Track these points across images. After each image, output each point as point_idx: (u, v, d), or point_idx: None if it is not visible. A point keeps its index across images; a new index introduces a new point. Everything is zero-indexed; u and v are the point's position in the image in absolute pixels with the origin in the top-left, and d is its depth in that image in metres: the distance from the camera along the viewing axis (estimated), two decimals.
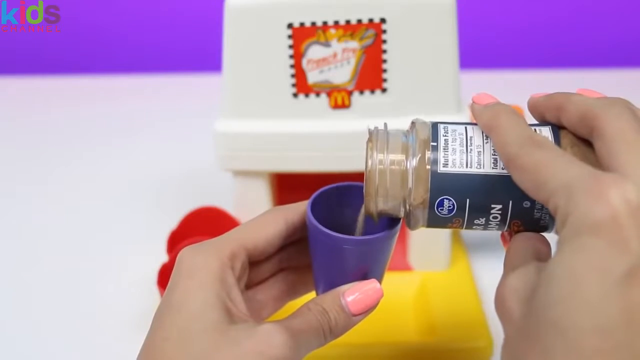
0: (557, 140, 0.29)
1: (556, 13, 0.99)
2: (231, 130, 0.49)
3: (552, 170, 0.26)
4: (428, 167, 0.30)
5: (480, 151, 0.30)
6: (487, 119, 0.29)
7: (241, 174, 0.51)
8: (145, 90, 0.97)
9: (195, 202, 0.56)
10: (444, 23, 0.46)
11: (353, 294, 0.33)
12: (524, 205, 0.30)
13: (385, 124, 0.32)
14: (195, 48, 1.01)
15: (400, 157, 0.31)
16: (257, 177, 0.51)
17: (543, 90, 0.32)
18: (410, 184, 0.30)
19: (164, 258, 0.52)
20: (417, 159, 0.30)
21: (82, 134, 0.86)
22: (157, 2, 1.01)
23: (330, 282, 0.34)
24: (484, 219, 0.30)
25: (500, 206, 0.30)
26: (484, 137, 0.30)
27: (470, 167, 0.29)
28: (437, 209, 0.30)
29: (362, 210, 0.33)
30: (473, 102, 0.31)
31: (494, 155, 0.29)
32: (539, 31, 1.00)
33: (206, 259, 0.31)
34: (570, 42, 1.01)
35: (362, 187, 0.32)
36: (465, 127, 0.31)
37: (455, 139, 0.30)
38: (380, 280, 0.35)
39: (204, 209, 0.54)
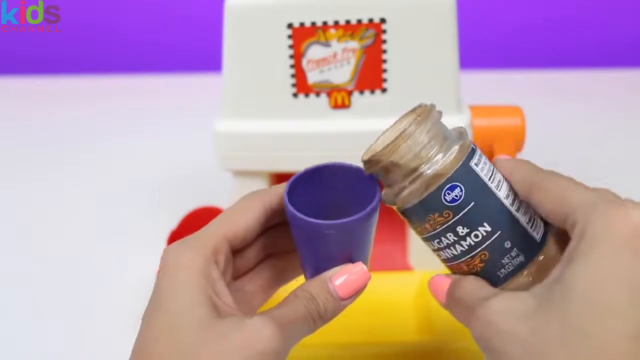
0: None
1: (556, 13, 0.99)
2: (231, 130, 0.49)
3: (575, 192, 0.29)
4: (465, 153, 0.31)
5: (500, 180, 0.32)
6: (511, 163, 0.33)
7: (241, 174, 0.51)
8: (146, 90, 0.97)
9: (195, 202, 0.56)
10: (444, 23, 0.46)
11: (340, 277, 0.33)
12: (505, 245, 0.31)
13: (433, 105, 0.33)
14: (195, 48, 1.01)
15: (443, 135, 0.32)
16: (257, 177, 0.51)
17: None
18: (442, 156, 0.31)
19: None
20: (459, 144, 0.31)
21: (82, 134, 0.86)
22: (157, 2, 1.01)
23: (316, 266, 0.34)
24: (466, 233, 0.31)
25: (489, 229, 0.31)
26: (504, 178, 0.33)
27: (492, 182, 0.32)
28: (445, 191, 0.31)
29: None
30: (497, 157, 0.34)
31: (510, 191, 0.32)
32: (539, 31, 1.00)
33: (189, 257, 0.31)
34: (571, 42, 1.01)
35: (341, 167, 0.34)
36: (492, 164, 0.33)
37: (486, 162, 0.32)
38: (366, 262, 0.35)
39: (204, 209, 0.54)
